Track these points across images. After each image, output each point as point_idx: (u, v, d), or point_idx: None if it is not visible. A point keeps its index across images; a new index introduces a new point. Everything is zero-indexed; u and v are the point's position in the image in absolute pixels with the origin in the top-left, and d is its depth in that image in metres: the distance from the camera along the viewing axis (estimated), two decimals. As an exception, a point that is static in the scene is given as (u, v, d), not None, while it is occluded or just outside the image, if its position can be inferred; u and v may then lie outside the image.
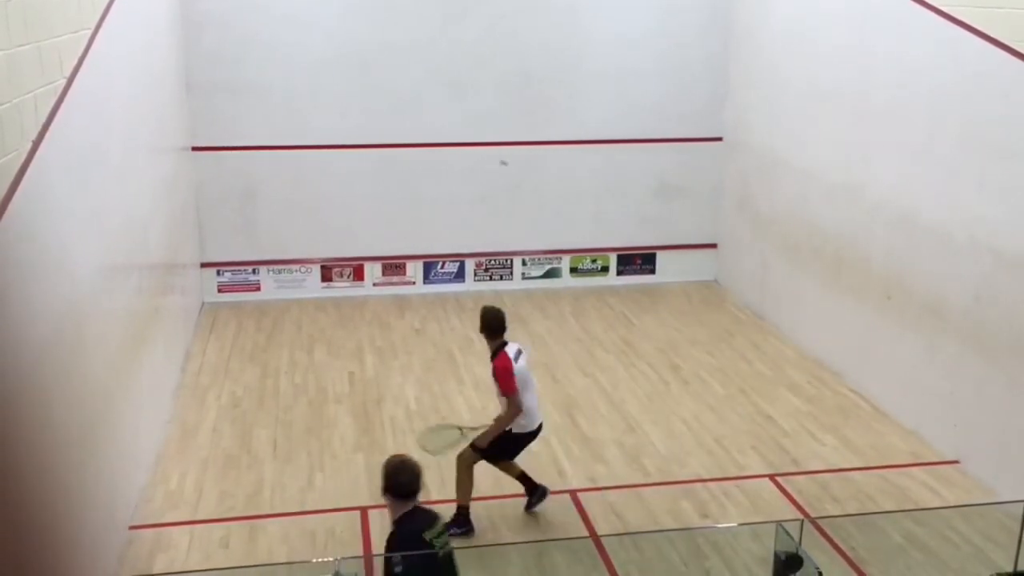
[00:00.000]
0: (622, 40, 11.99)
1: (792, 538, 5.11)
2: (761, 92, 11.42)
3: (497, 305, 7.32)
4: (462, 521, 6.76)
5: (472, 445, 6.77)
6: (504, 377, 6.69)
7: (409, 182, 11.98)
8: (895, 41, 8.81)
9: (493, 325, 6.94)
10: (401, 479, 4.80)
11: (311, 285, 12.05)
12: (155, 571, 6.40)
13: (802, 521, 5.65)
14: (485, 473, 7.70)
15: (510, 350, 6.86)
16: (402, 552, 4.70)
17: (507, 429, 6.76)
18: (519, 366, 6.80)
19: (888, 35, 8.92)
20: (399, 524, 4.83)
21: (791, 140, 10.76)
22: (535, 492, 7.09)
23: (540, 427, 7.01)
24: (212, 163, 11.50)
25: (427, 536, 4.76)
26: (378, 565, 6.40)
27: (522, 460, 7.95)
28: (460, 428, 6.85)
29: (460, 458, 6.81)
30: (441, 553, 4.80)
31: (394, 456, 5.04)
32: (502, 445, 6.83)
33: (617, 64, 12.04)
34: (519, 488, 7.29)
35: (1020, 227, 7.28)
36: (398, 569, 4.64)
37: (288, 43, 11.34)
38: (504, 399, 6.76)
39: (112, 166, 7.18)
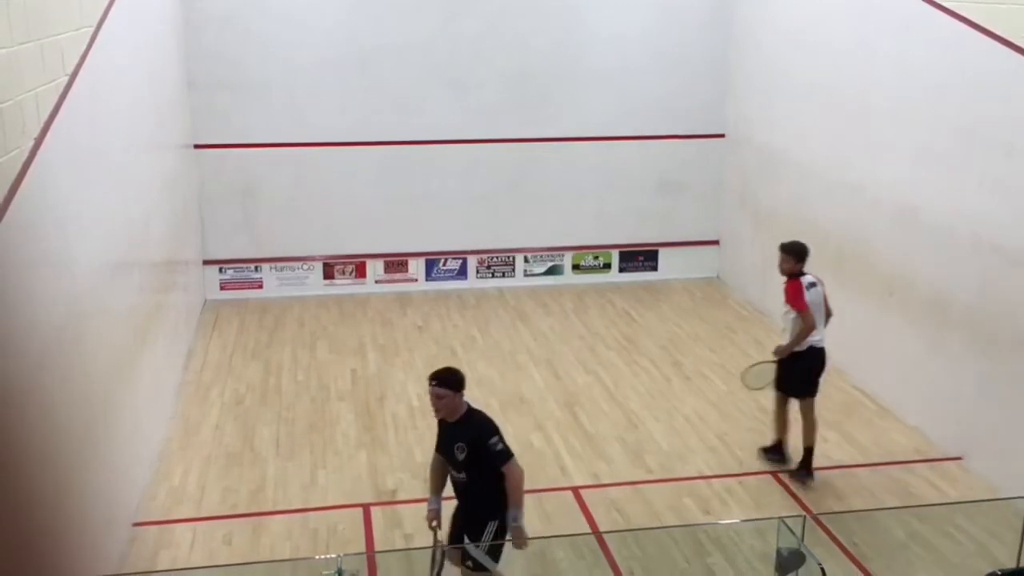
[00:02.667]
0: (623, 37, 11.98)
1: (794, 534, 5.11)
2: (762, 89, 11.40)
3: (501, 302, 7.27)
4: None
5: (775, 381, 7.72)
6: (795, 295, 7.46)
7: (411, 179, 11.98)
8: (897, 37, 8.79)
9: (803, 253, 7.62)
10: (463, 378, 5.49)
11: (313, 282, 12.06)
12: (159, 568, 6.42)
13: (804, 517, 5.65)
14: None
15: (804, 280, 7.54)
16: (496, 430, 5.44)
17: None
18: (810, 293, 7.50)
19: (890, 31, 8.90)
20: (476, 411, 5.53)
21: (793, 137, 10.75)
22: (794, 465, 7.76)
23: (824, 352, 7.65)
24: (214, 161, 11.51)
25: None
26: (380, 562, 6.45)
27: (524, 460, 7.96)
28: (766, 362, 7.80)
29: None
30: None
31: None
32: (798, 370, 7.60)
33: (619, 61, 12.03)
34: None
35: (1023, 223, 7.27)
36: (500, 445, 5.38)
37: (289, 41, 11.34)
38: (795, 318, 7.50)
39: (114, 164, 7.18)
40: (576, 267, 12.63)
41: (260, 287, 11.95)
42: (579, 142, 12.21)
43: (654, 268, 12.80)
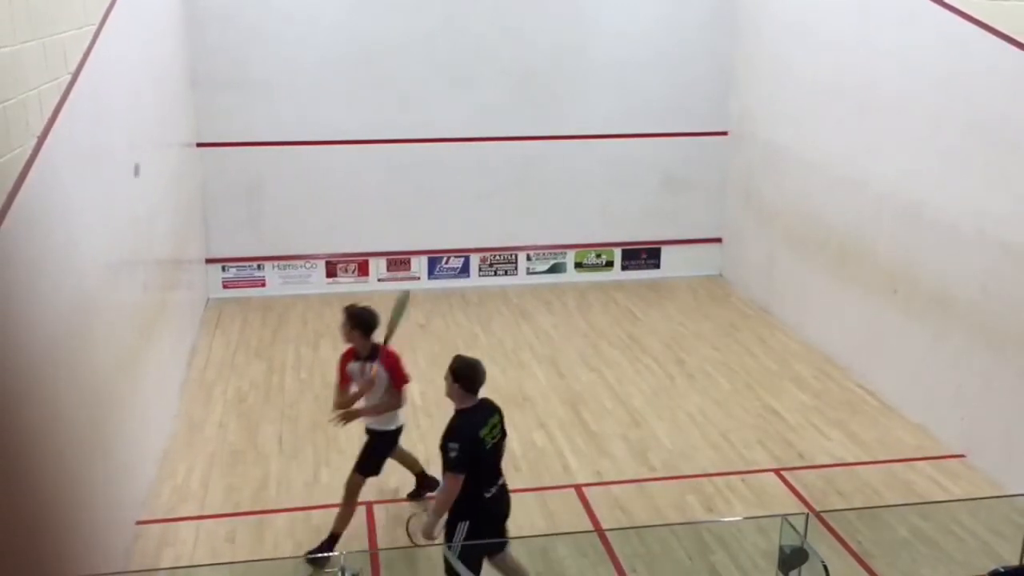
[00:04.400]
0: (627, 34, 11.97)
1: (798, 532, 5.11)
2: (766, 85, 11.39)
3: (504, 300, 7.26)
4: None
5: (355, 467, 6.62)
6: (399, 368, 6.60)
7: (414, 177, 11.98)
8: (900, 33, 8.78)
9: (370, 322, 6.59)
10: (471, 374, 5.60)
11: (316, 281, 12.06)
12: (162, 565, 6.43)
13: (807, 515, 5.64)
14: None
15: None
16: (460, 439, 5.42)
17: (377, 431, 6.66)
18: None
19: (893, 27, 8.89)
20: (462, 413, 5.57)
21: (796, 133, 10.74)
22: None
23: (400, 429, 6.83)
24: (217, 159, 11.52)
25: (481, 434, 5.47)
26: (384, 559, 6.45)
27: (527, 458, 7.97)
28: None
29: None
30: (488, 446, 5.52)
31: (467, 356, 5.74)
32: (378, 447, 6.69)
33: (622, 58, 12.02)
34: (522, 482, 7.30)
35: (1026, 220, 7.27)
36: (452, 453, 5.40)
37: (293, 39, 11.35)
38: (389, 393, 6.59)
39: (117, 162, 7.19)
40: (579, 265, 12.63)
41: (263, 285, 11.96)
42: (582, 140, 12.21)
43: (657, 266, 12.79)
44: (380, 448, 6.71)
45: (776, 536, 5.42)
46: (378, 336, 6.57)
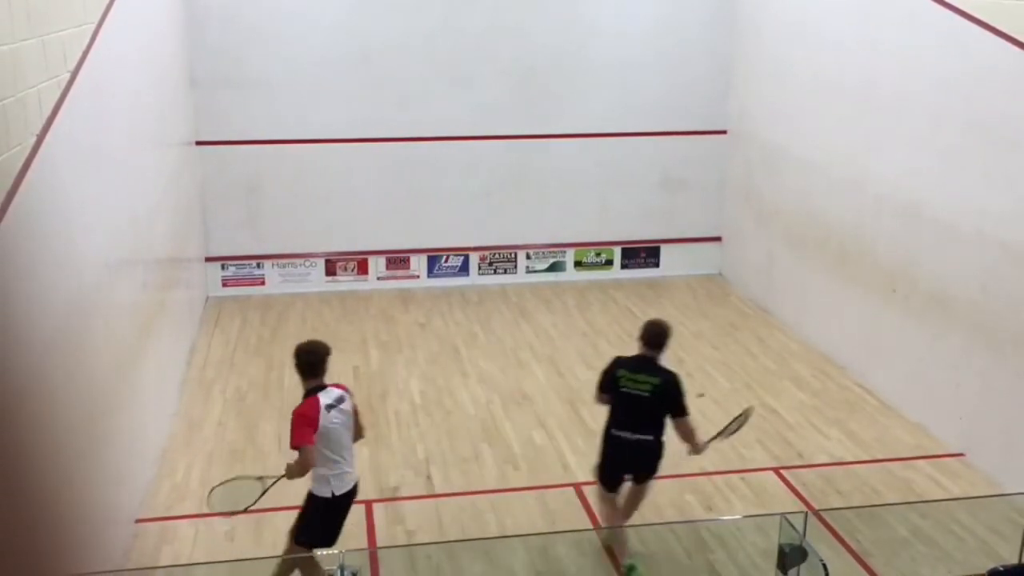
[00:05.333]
0: (626, 32, 11.97)
1: (797, 531, 5.11)
2: (765, 84, 11.39)
3: (503, 298, 7.21)
4: None
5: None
6: (298, 423, 5.54)
7: (413, 176, 11.98)
8: (900, 33, 8.78)
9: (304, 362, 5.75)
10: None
11: (315, 279, 12.06)
12: (161, 564, 6.43)
13: (806, 514, 5.65)
14: (491, 467, 7.72)
15: (324, 397, 5.60)
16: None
17: (312, 493, 5.71)
18: (328, 416, 5.58)
19: (893, 27, 8.89)
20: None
21: (795, 132, 10.74)
22: None
23: (353, 492, 5.82)
24: (216, 157, 11.51)
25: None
26: (383, 557, 6.45)
27: (526, 456, 7.96)
28: (259, 477, 5.69)
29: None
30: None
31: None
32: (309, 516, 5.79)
33: (621, 57, 12.02)
34: (522, 481, 7.30)
35: (1026, 219, 7.28)
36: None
37: (291, 37, 11.34)
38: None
39: (116, 160, 7.19)
40: (578, 264, 12.63)
41: (262, 283, 11.96)
42: (581, 138, 12.21)
43: (656, 265, 12.79)
44: (311, 514, 5.76)
45: (775, 535, 5.42)
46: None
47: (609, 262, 12.70)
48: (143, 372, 7.50)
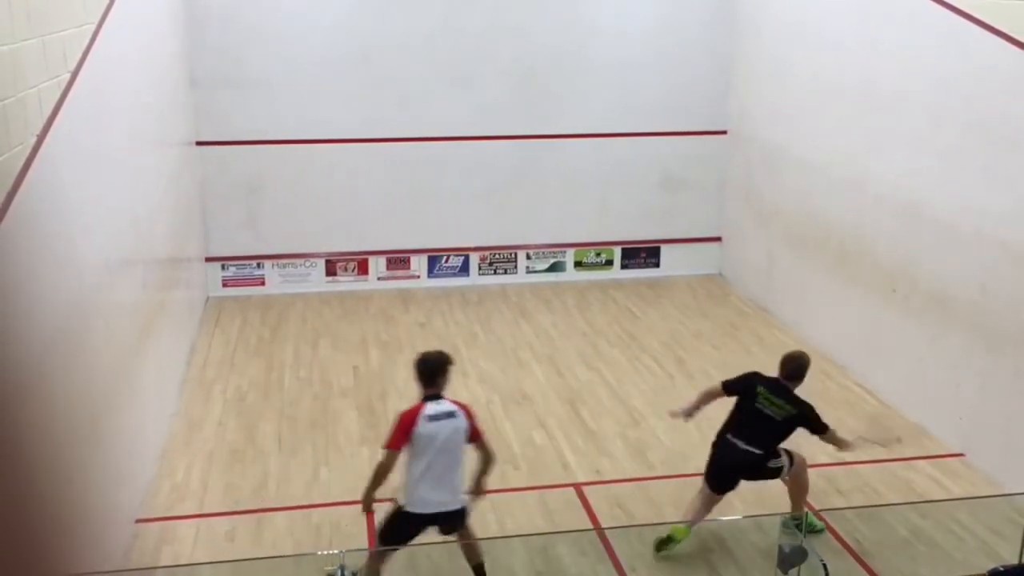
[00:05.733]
0: (626, 32, 11.97)
1: (797, 531, 5.12)
2: (765, 84, 11.39)
3: (503, 298, 7.19)
4: None
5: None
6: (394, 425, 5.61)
7: (413, 176, 11.98)
8: (900, 33, 8.78)
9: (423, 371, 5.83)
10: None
11: (316, 279, 12.06)
12: (161, 564, 6.43)
13: (807, 513, 5.65)
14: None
15: (431, 407, 5.61)
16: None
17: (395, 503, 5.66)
18: (426, 427, 5.53)
19: (893, 27, 8.89)
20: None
21: (795, 132, 10.74)
22: None
23: (431, 518, 5.62)
24: (216, 158, 11.51)
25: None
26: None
27: (526, 457, 7.96)
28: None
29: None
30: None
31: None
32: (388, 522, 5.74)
33: (621, 57, 12.02)
34: (522, 481, 7.29)
35: (1026, 219, 7.28)
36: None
37: (292, 37, 11.34)
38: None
39: (117, 160, 7.19)
40: (578, 264, 12.63)
41: (263, 284, 11.96)
42: (581, 139, 12.21)
43: (656, 265, 12.80)
44: (389, 513, 5.72)
45: (775, 535, 5.43)
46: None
47: (609, 262, 12.70)
48: (143, 372, 7.51)
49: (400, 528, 5.67)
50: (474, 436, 5.67)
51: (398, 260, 12.22)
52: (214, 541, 6.70)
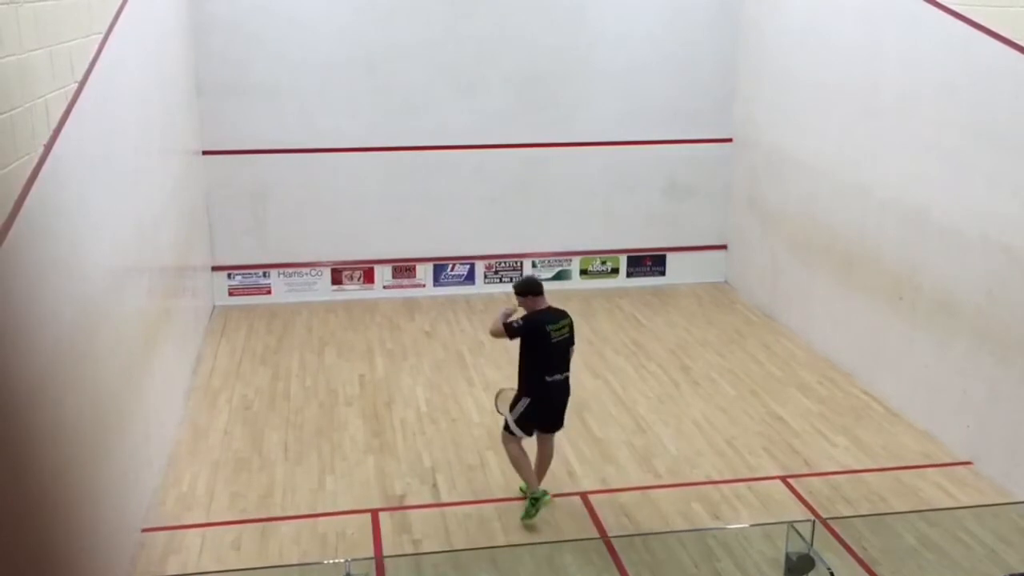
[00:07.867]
0: (630, 39, 11.98)
1: (804, 539, 5.10)
2: (770, 90, 11.40)
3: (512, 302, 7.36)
4: None
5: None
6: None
7: (419, 184, 12.00)
8: (905, 38, 8.78)
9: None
10: (530, 281, 7.09)
11: (321, 288, 12.08)
12: (168, 573, 6.43)
13: (813, 522, 5.65)
14: (497, 475, 7.72)
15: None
16: (525, 320, 6.89)
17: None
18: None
19: (898, 32, 8.89)
20: (528, 316, 6.91)
21: (800, 138, 10.74)
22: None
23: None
24: (222, 166, 11.54)
25: (549, 328, 6.87)
26: (389, 566, 6.44)
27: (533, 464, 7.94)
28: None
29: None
30: (553, 339, 6.86)
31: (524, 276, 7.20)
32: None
33: (625, 64, 12.03)
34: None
35: (1032, 226, 7.26)
36: (515, 324, 6.88)
37: (297, 45, 11.38)
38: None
39: (123, 169, 7.21)
40: (584, 272, 12.63)
41: (269, 293, 11.98)
42: (586, 146, 12.22)
43: (662, 273, 12.79)
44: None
45: (782, 543, 5.42)
46: None
47: (615, 270, 12.70)
48: (149, 381, 7.52)
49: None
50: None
51: (404, 268, 12.24)
52: (220, 550, 6.70)
